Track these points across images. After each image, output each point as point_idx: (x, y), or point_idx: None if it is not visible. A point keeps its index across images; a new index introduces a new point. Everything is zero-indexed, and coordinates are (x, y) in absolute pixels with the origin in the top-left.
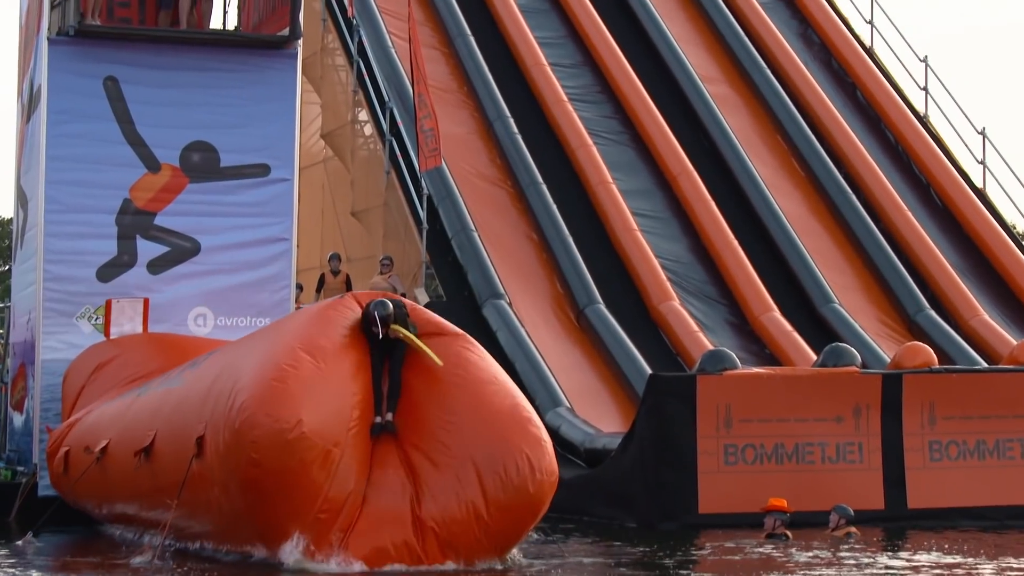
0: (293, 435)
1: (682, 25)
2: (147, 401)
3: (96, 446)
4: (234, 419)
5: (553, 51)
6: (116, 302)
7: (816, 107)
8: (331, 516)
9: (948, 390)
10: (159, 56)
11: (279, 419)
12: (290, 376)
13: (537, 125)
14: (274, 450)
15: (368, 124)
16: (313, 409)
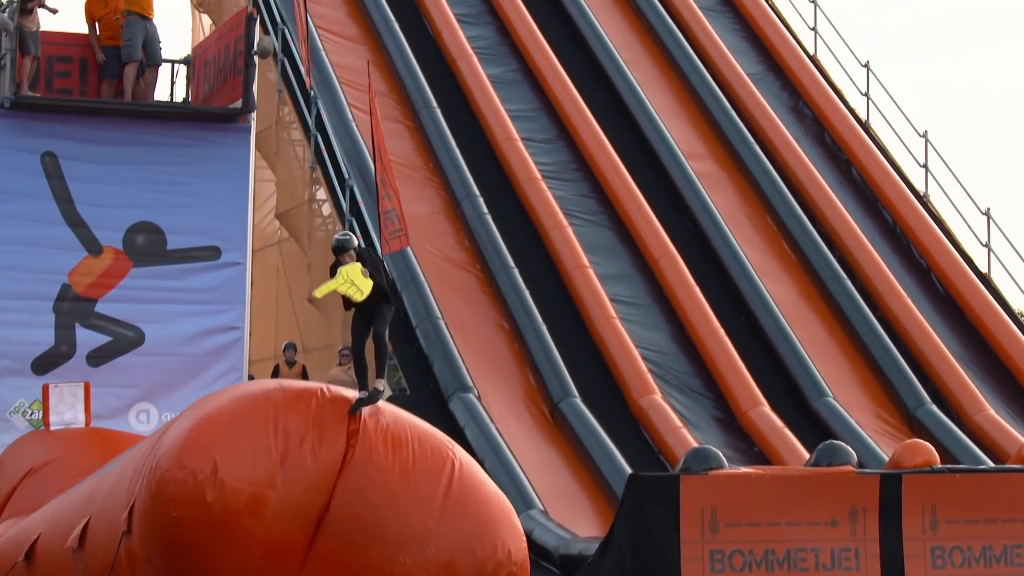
0: (210, 484)
1: (664, 97)
2: (80, 491)
3: (23, 547)
4: (151, 481)
5: (525, 125)
6: (54, 387)
7: (808, 185)
8: (273, 561)
9: (951, 491)
10: (101, 130)
11: (193, 470)
12: (205, 423)
13: (508, 204)
14: (193, 505)
15: (327, 203)
16: (233, 451)
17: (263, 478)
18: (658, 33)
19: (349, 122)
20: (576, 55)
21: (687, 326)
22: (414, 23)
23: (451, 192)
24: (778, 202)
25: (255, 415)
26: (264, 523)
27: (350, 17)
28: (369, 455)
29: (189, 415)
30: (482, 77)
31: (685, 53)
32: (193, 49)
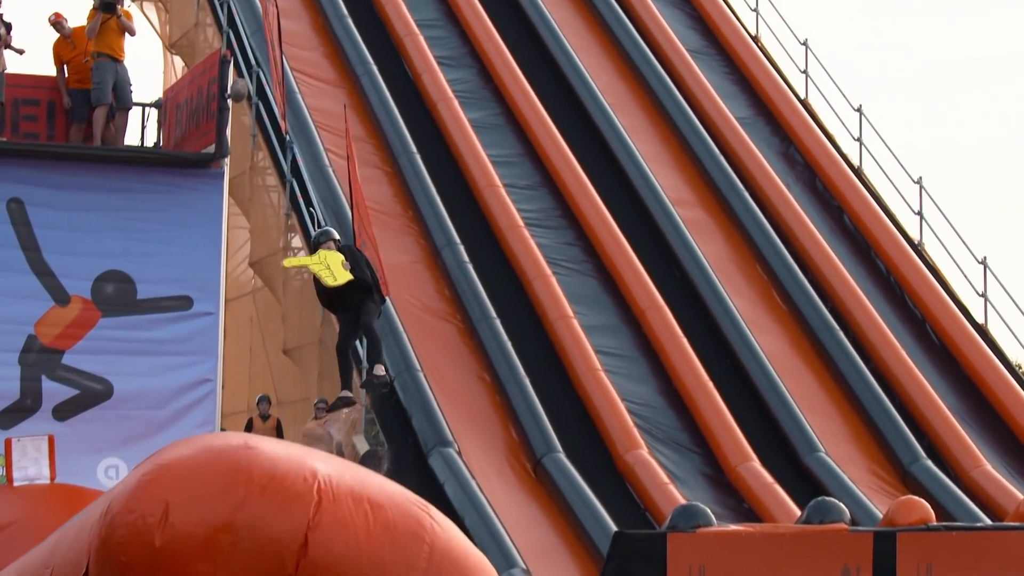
0: (160, 528)
1: (651, 142)
2: (44, 546)
3: None
4: (102, 526)
5: (508, 171)
6: (17, 441)
7: (799, 233)
8: None
9: (948, 550)
10: (70, 176)
11: (143, 513)
12: (161, 468)
13: (490, 253)
14: (142, 550)
15: (302, 251)
16: (187, 496)
17: (219, 522)
18: (645, 77)
19: (326, 167)
20: (560, 99)
21: (674, 378)
22: (393, 66)
23: (431, 240)
24: (768, 251)
25: (215, 462)
26: (220, 570)
27: (327, 60)
28: (337, 513)
29: (147, 462)
30: (463, 121)
31: (673, 97)
32: (165, 92)
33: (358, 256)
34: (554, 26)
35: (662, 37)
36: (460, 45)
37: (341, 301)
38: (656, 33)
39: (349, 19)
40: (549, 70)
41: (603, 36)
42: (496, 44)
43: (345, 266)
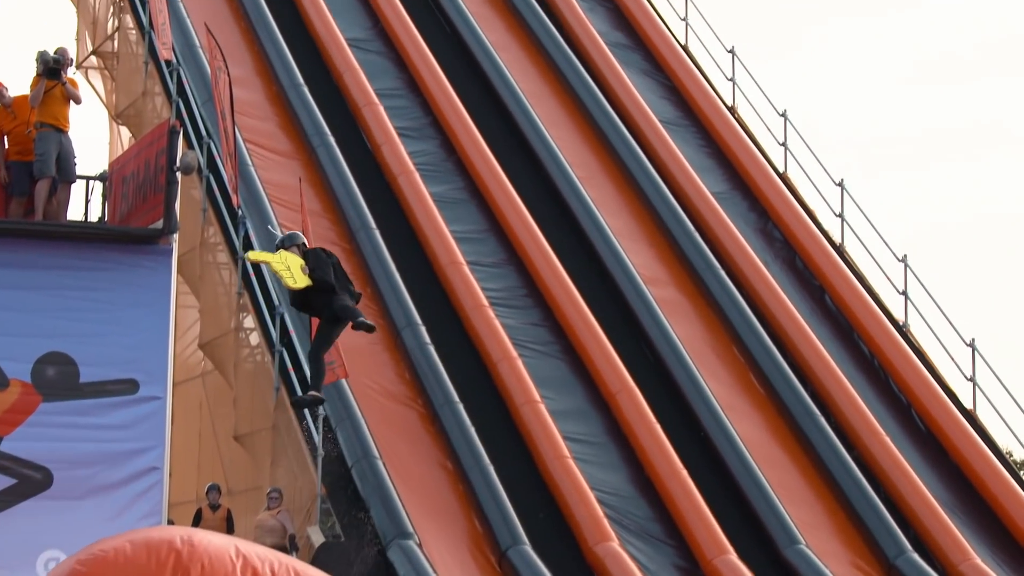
0: None
1: (623, 218)
2: None
3: None
4: None
5: (472, 247)
6: None
7: (778, 314)
8: None
9: None
10: (9, 252)
11: None
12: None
13: (453, 333)
14: None
15: (255, 332)
16: None
17: None
18: (616, 149)
19: None
20: (528, 172)
21: (647, 466)
22: (351, 137)
23: (391, 320)
24: (746, 332)
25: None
26: None
27: (281, 130)
28: None
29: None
30: (425, 195)
31: (645, 170)
32: (110, 164)
33: (323, 259)
34: (521, 96)
35: (634, 107)
36: (422, 115)
37: (310, 305)
38: (628, 103)
39: (305, 88)
40: (516, 142)
41: (572, 106)
42: (460, 114)
43: (304, 270)
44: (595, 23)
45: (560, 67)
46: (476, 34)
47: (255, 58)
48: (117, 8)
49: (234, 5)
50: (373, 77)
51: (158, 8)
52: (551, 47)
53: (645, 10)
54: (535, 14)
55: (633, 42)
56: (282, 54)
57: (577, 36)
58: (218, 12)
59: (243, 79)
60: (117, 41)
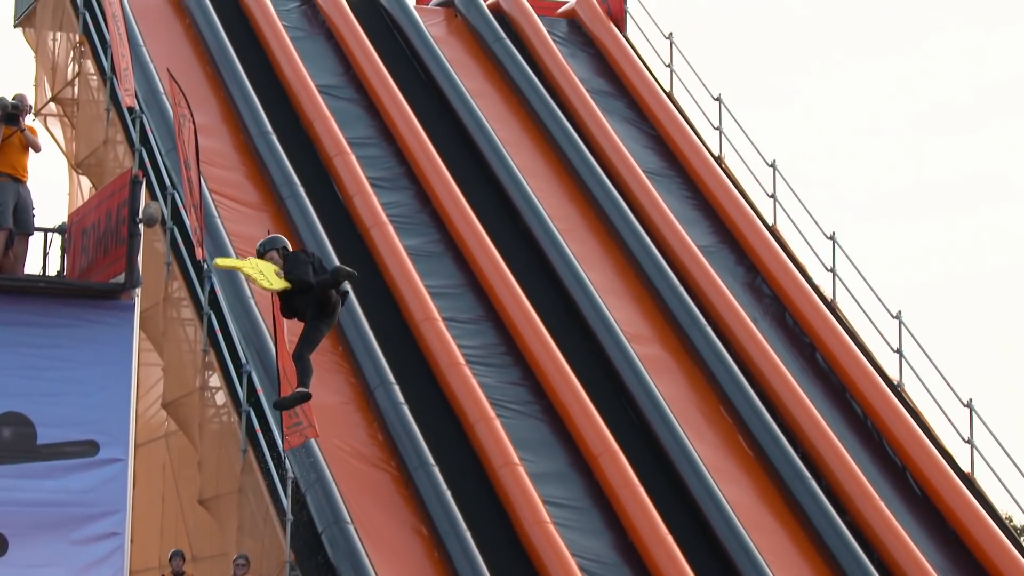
0: None
1: (605, 273)
2: None
3: None
4: None
5: (448, 303)
6: None
7: (767, 372)
8: None
9: None
10: None
11: None
12: None
13: (428, 393)
14: None
15: (220, 391)
16: None
17: None
18: (598, 200)
19: (247, 299)
20: (505, 225)
21: (630, 532)
22: (322, 189)
23: (363, 379)
24: (733, 391)
25: None
26: None
27: (249, 181)
28: None
29: None
30: (399, 248)
31: (628, 223)
32: (70, 216)
33: (302, 259)
34: (499, 145)
35: (617, 157)
36: (395, 165)
37: (296, 310)
38: (611, 152)
39: (273, 136)
40: (493, 192)
41: (553, 156)
42: (435, 164)
43: (279, 274)
44: (576, 69)
45: (540, 115)
46: (452, 80)
47: (221, 105)
48: (77, 53)
49: (199, 50)
50: (345, 125)
51: (120, 53)
52: (531, 94)
53: (628, 56)
54: (514, 60)
55: (616, 89)
56: (250, 101)
57: (558, 83)
58: (182, 57)
59: (209, 127)
60: (77, 87)
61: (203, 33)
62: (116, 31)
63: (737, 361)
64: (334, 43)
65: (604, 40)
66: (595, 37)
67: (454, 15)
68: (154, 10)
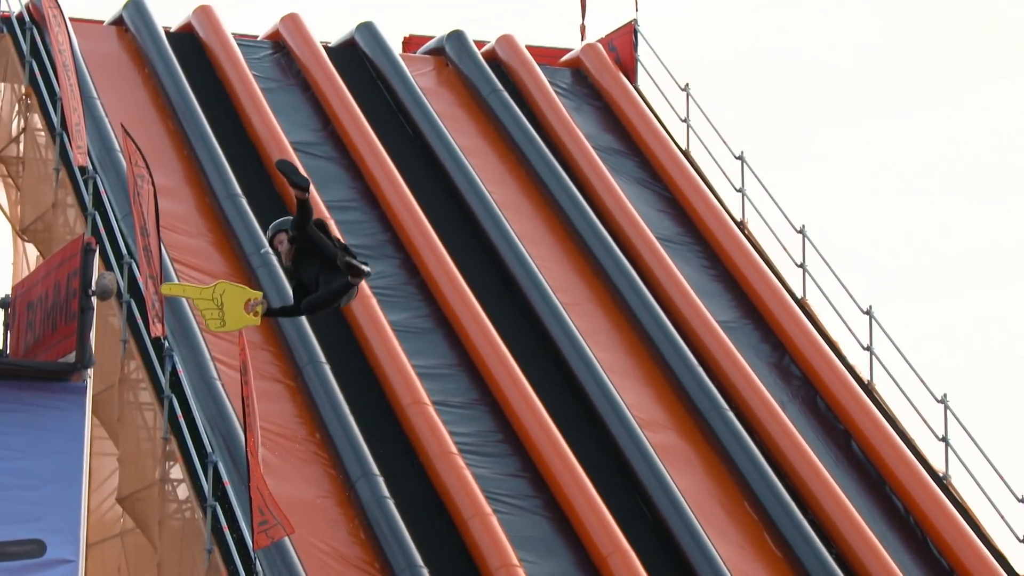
0: None
1: (614, 352)
2: None
3: None
4: None
5: (437, 384)
6: None
7: (797, 463)
8: None
9: None
10: None
11: None
12: None
13: (416, 486)
14: None
15: (183, 484)
16: None
17: None
18: (607, 271)
19: (213, 380)
20: (503, 297)
21: None
22: None
23: (343, 470)
24: (759, 484)
25: None
26: None
27: (215, 248)
28: None
29: None
30: (383, 324)
31: (640, 296)
32: (14, 288)
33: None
34: (495, 208)
35: (627, 222)
36: (379, 231)
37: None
38: (619, 217)
39: (243, 199)
40: (489, 261)
41: (554, 220)
42: (424, 230)
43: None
44: (582, 124)
45: (541, 175)
46: (443, 137)
47: (184, 164)
48: (23, 106)
49: (160, 102)
50: (323, 187)
51: (72, 106)
52: (530, 152)
53: (640, 109)
54: (511, 114)
55: (626, 146)
56: (216, 160)
57: (561, 139)
58: (141, 110)
59: (170, 189)
60: (23, 144)
61: (164, 84)
62: (67, 82)
63: (762, 450)
64: (311, 95)
65: (613, 92)
66: (602, 89)
67: (445, 64)
68: (109, 58)
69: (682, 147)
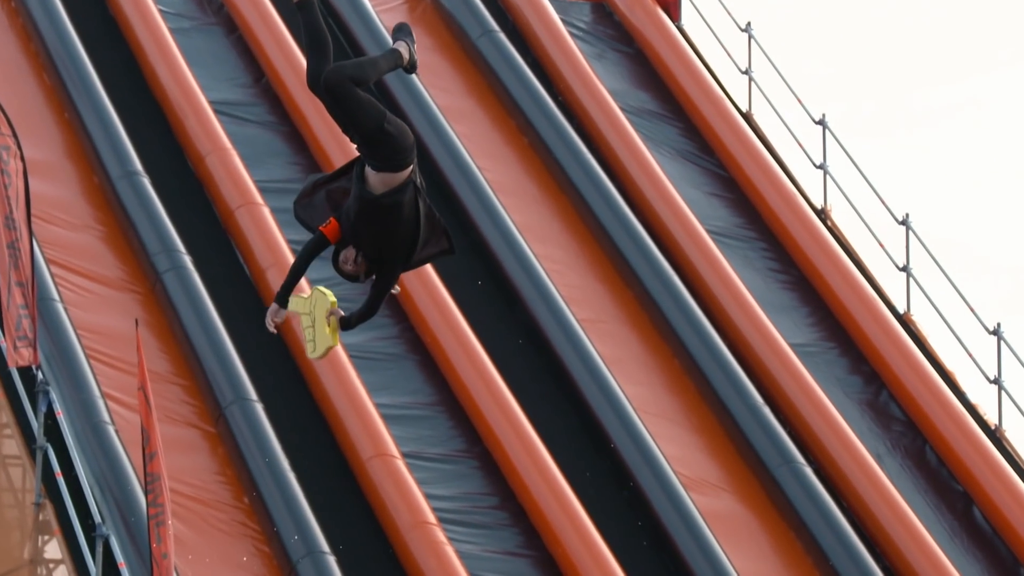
0: None
1: (650, 388)
2: None
3: None
4: None
5: (410, 431)
6: None
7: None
8: None
9: None
10: None
11: None
12: None
13: (382, 569)
14: None
15: (61, 566)
16: None
17: None
18: (640, 277)
19: (102, 425)
20: (498, 313)
21: None
22: (219, 257)
23: (281, 547)
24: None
25: None
26: None
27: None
28: None
29: None
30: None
31: (686, 312)
32: None
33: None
34: (488, 193)
35: (667, 211)
36: None
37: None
38: (657, 204)
39: (145, 179)
40: (480, 264)
41: (568, 208)
42: None
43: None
44: (606, 77)
45: (550, 147)
46: (418, 96)
47: (66, 132)
48: None
49: (31, 49)
50: (255, 163)
51: None
52: (536, 116)
53: (685, 58)
54: (510, 63)
55: (667, 108)
56: (109, 127)
57: (577, 99)
58: (6, 60)
59: (46, 165)
60: None
61: (38, 23)
62: None
63: (851, 520)
64: (238, 39)
65: (648, 34)
66: (634, 29)
67: None
68: None
69: (742, 109)
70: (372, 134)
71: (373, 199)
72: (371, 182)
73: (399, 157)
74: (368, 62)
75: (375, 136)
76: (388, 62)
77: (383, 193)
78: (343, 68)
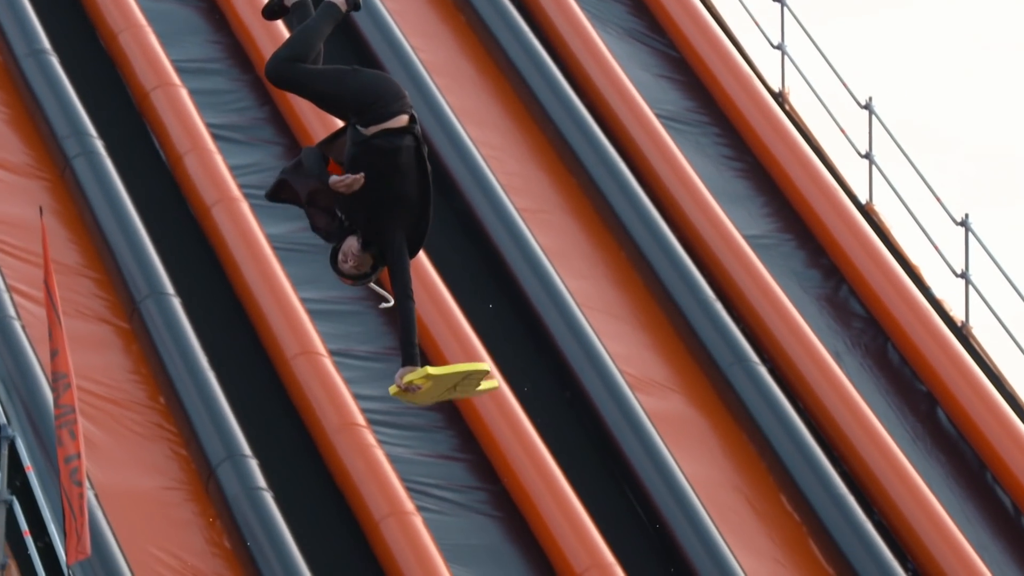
0: None
1: (593, 281)
2: None
3: None
4: None
5: (337, 326)
6: None
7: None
8: None
9: None
10: None
11: None
12: None
13: (305, 472)
14: None
15: None
16: None
17: None
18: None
19: (7, 320)
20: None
21: None
22: (133, 142)
23: (199, 449)
24: (802, 470)
25: None
26: None
27: (14, 130)
28: None
29: None
30: (259, 239)
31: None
32: None
33: None
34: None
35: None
36: (255, 105)
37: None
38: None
39: (53, 57)
40: None
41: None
42: None
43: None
44: None
45: (550, 113)
46: (399, 48)
47: None
48: None
49: None
50: (171, 41)
51: None
52: (533, 76)
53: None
54: (501, 11)
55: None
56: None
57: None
58: None
59: None
60: None
61: None
62: None
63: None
64: None
65: None
66: None
67: None
68: None
69: (773, 89)
70: (347, 97)
71: (366, 139)
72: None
73: (383, 104)
74: (303, 32)
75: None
76: (328, 19)
77: (376, 133)
78: (277, 54)
